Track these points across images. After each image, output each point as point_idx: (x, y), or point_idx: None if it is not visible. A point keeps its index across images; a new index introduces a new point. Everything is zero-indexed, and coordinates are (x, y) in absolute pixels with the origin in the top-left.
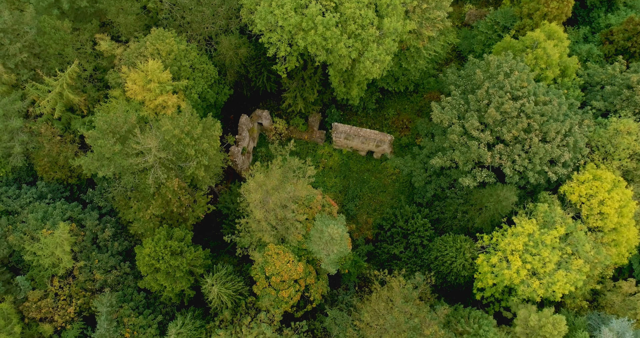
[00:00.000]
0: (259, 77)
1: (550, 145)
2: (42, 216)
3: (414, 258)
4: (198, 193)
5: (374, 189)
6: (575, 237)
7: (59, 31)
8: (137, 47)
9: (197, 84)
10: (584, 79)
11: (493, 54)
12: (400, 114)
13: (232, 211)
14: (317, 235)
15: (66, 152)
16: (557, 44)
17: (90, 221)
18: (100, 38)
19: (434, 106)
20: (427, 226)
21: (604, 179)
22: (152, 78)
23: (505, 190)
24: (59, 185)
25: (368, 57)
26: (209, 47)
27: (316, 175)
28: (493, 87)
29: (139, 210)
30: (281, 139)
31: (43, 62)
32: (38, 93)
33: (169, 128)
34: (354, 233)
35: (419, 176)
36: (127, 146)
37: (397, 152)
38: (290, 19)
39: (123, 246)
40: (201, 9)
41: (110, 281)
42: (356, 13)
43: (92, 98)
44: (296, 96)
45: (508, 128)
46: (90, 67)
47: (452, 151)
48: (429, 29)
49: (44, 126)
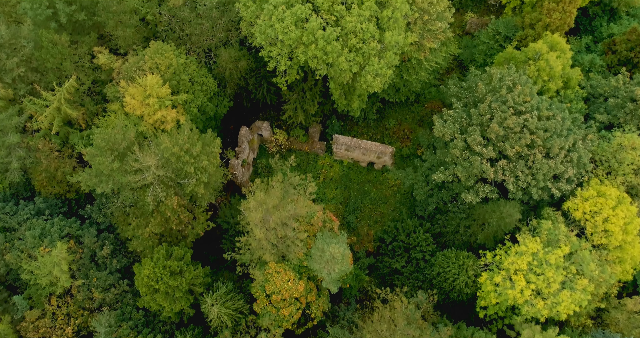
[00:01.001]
0: (259, 89)
1: (553, 161)
2: (39, 233)
3: (416, 273)
4: (198, 210)
5: (375, 200)
6: (579, 256)
7: (57, 45)
8: (135, 61)
9: (196, 97)
10: (587, 90)
11: (495, 64)
12: (401, 124)
13: (232, 225)
14: (318, 253)
15: (64, 167)
16: (560, 55)
17: (88, 238)
18: (98, 51)
19: (435, 119)
20: (429, 241)
21: (608, 196)
22: (151, 93)
23: (508, 207)
24: (56, 200)
25: (369, 71)
26: (209, 60)
27: (317, 186)
28: (495, 102)
29: (138, 227)
30: (281, 150)
31: (41, 76)
32: (35, 108)
33: (168, 145)
34: (355, 245)
35: (421, 189)
36: (125, 163)
37: (398, 163)
38: (290, 33)
39: (122, 263)
40: (200, 21)
41: (109, 300)
42: (357, 27)
43: (91, 112)
44: (296, 108)
45: (511, 143)
46: (89, 80)
47: (454, 165)
48: (430, 41)
49: (42, 142)
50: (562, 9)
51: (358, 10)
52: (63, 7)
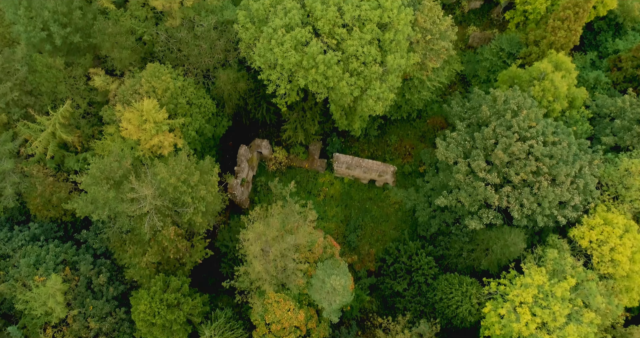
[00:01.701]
0: (258, 109)
1: (559, 189)
2: (34, 260)
3: (418, 296)
4: (195, 238)
5: (376, 218)
6: (586, 288)
7: (52, 69)
8: (132, 84)
9: (194, 120)
10: (592, 110)
11: (499, 82)
12: (402, 141)
13: (230, 249)
14: (319, 284)
15: (59, 192)
16: (565, 75)
17: (84, 265)
18: (94, 73)
19: (438, 142)
20: (432, 264)
21: (615, 224)
22: (148, 118)
23: (513, 235)
24: (52, 224)
25: (371, 95)
26: (207, 80)
27: (317, 204)
28: (500, 126)
29: (135, 255)
30: (281, 168)
31: (35, 99)
32: (30, 132)
33: (164, 176)
34: (356, 264)
35: (423, 210)
36: (121, 192)
37: (400, 180)
38: (290, 57)
39: (119, 290)
40: (198, 43)
41: (106, 329)
42: (359, 50)
43: (86, 134)
44: (296, 128)
45: (516, 169)
46: (84, 103)
47: (458, 190)
48: (433, 61)
49: (36, 167)
50: (567, 27)
51: (359, 33)
52: (57, 30)
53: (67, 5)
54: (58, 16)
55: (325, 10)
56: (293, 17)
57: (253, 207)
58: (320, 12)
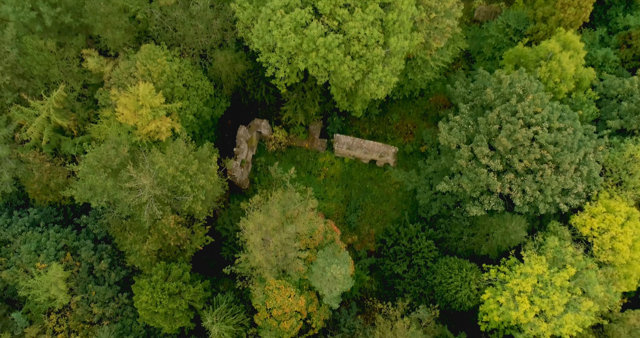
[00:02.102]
0: (257, 89)
1: (563, 177)
2: (35, 247)
3: (418, 279)
4: (196, 225)
5: (376, 199)
6: (585, 276)
7: (43, 52)
8: (126, 66)
9: (191, 103)
10: (599, 90)
11: (504, 61)
12: (404, 119)
13: (231, 233)
14: (320, 272)
15: (57, 178)
16: (573, 55)
17: (85, 252)
18: (87, 54)
19: (441, 126)
20: (432, 248)
21: (617, 212)
22: (144, 103)
23: (514, 223)
24: (51, 208)
25: (373, 79)
26: (204, 61)
27: (317, 184)
28: (505, 112)
29: (135, 242)
30: (281, 147)
31: (27, 82)
32: (24, 117)
33: (163, 165)
34: (356, 244)
35: (424, 193)
36: (119, 180)
37: (401, 160)
38: (289, 40)
39: (120, 276)
40: (194, 22)
41: (109, 314)
42: (361, 32)
43: (82, 118)
44: (296, 108)
45: (519, 156)
46: (78, 86)
47: (460, 175)
48: (437, 40)
49: (32, 154)
50: (577, 4)
51: (362, 14)
52: (47, 10)
53: None
54: None
55: None
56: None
57: (253, 187)
58: None
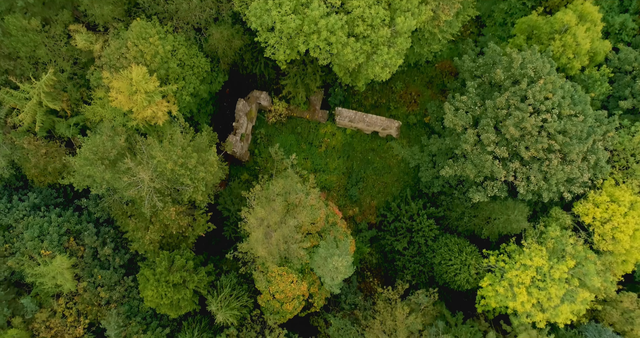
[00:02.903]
0: (256, 64)
1: (569, 167)
2: (38, 233)
3: (417, 256)
4: (197, 212)
5: (378, 170)
6: (584, 268)
7: (28, 32)
8: (117, 46)
9: (187, 83)
10: (614, 63)
11: (515, 30)
12: (408, 87)
13: (232, 213)
14: (321, 262)
15: (54, 163)
16: (590, 27)
17: (88, 237)
18: (74, 30)
19: (447, 108)
20: (433, 227)
21: (621, 201)
22: (138, 88)
23: (516, 212)
24: (51, 190)
25: (378, 61)
26: (199, 36)
27: (319, 156)
28: (514, 96)
29: (137, 229)
30: (281, 119)
31: (14, 63)
32: (14, 101)
33: (161, 159)
34: (357, 216)
35: (427, 171)
36: (117, 171)
37: (404, 131)
38: (289, 22)
39: (124, 259)
40: None
41: (116, 298)
42: (365, 12)
43: (75, 98)
44: (297, 82)
45: (526, 144)
46: (68, 65)
47: (464, 159)
48: (446, 11)
49: (27, 140)
50: None
51: None
52: None
53: None
54: None
55: None
56: None
57: (254, 159)
58: None
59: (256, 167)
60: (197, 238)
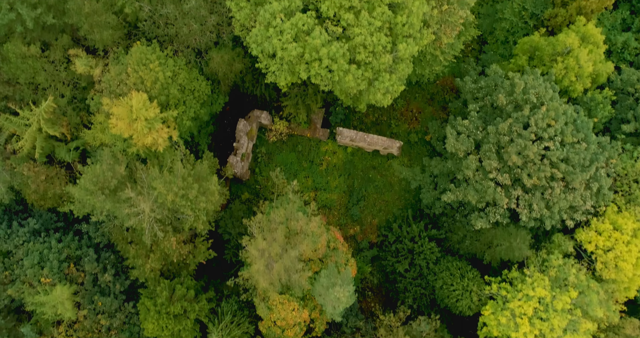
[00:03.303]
0: (257, 85)
1: (572, 195)
2: (38, 259)
3: (419, 279)
4: (198, 239)
5: (379, 188)
6: (587, 298)
7: (27, 59)
8: (117, 72)
9: (188, 108)
10: (616, 85)
11: (517, 50)
12: (409, 104)
13: (233, 236)
14: (323, 290)
15: (54, 189)
16: (592, 49)
17: (89, 264)
18: (74, 55)
19: (448, 132)
20: (434, 250)
21: (624, 229)
22: (138, 116)
23: (519, 240)
24: (51, 214)
25: (379, 88)
26: (200, 59)
27: (320, 174)
28: (517, 123)
29: (138, 256)
30: (282, 137)
31: (14, 89)
32: (14, 127)
33: (162, 191)
34: (358, 235)
35: (428, 192)
36: (118, 201)
37: (406, 149)
38: (291, 50)
39: (125, 285)
40: (187, 21)
41: (116, 325)
42: (367, 39)
43: (75, 122)
44: (298, 103)
45: (529, 171)
46: (68, 90)
47: (466, 184)
48: (448, 34)
49: (27, 166)
50: None
51: (368, 18)
52: (27, 12)
53: None
54: None
55: None
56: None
57: (254, 178)
58: None
59: (257, 186)
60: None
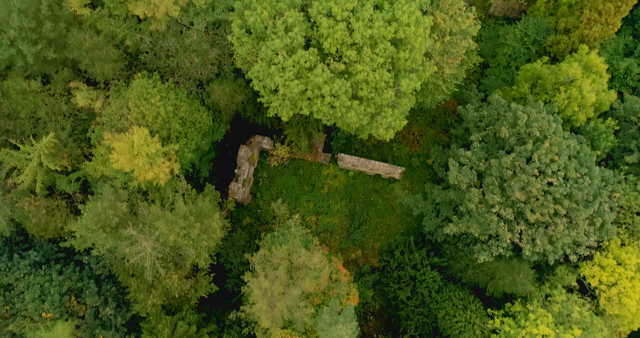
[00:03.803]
0: (258, 114)
1: (575, 231)
2: (39, 293)
3: (421, 307)
4: (199, 274)
5: (381, 212)
6: (591, 336)
7: (28, 94)
8: (118, 107)
9: (189, 140)
10: (619, 113)
11: (519, 77)
12: (410, 126)
13: (235, 266)
14: (326, 327)
15: (55, 222)
16: (595, 79)
17: (90, 297)
18: (74, 88)
19: (451, 164)
20: (437, 278)
21: (628, 265)
22: (140, 152)
23: (522, 275)
24: (52, 245)
25: (382, 123)
26: (201, 90)
27: (321, 198)
28: (520, 157)
29: (139, 291)
30: (283, 162)
31: (14, 123)
32: (14, 161)
33: (164, 231)
34: (360, 259)
35: (430, 220)
36: (119, 238)
37: (407, 172)
38: (293, 87)
39: (126, 317)
40: (188, 54)
41: None
42: (370, 76)
43: (75, 154)
44: (299, 131)
45: (531, 207)
46: (69, 123)
47: (469, 216)
48: (450, 64)
49: (27, 201)
50: (604, 21)
51: (371, 54)
52: (28, 48)
53: (35, 18)
54: (26, 34)
55: (333, 27)
56: (295, 37)
57: (255, 202)
58: (327, 29)
59: (258, 210)
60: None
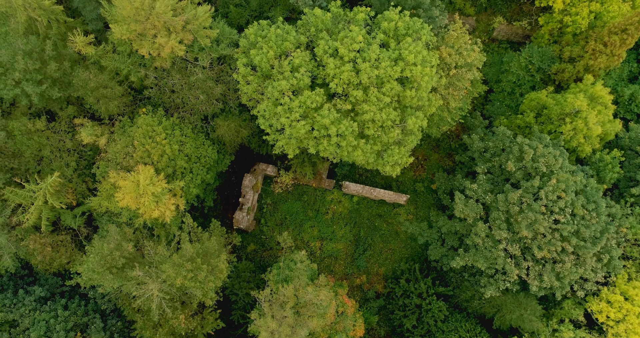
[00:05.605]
0: (263, 146)
1: (583, 268)
2: (44, 330)
3: (427, 336)
4: (206, 311)
5: (385, 237)
6: None
7: (32, 134)
8: (123, 145)
9: (195, 176)
10: (624, 142)
11: (524, 106)
12: (415, 151)
13: (241, 297)
14: None
15: (60, 259)
16: (601, 110)
17: (95, 333)
18: (79, 124)
19: (457, 197)
20: (442, 308)
21: (635, 300)
22: (145, 191)
23: (529, 311)
24: (57, 279)
25: (388, 161)
26: (205, 125)
27: (326, 224)
28: (527, 193)
29: (145, 328)
30: (287, 188)
31: (19, 161)
32: (19, 199)
33: (170, 274)
34: (365, 284)
35: (436, 249)
36: (125, 278)
37: (412, 198)
38: (299, 128)
39: None
40: (193, 91)
41: None
42: (376, 115)
43: (80, 190)
44: (304, 161)
45: (539, 244)
46: (73, 159)
47: (475, 250)
48: (455, 96)
49: (32, 239)
50: (610, 52)
51: (377, 94)
52: (33, 89)
53: (40, 59)
54: (31, 75)
55: (339, 68)
56: (302, 77)
57: (259, 228)
58: (333, 70)
59: (262, 236)
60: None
